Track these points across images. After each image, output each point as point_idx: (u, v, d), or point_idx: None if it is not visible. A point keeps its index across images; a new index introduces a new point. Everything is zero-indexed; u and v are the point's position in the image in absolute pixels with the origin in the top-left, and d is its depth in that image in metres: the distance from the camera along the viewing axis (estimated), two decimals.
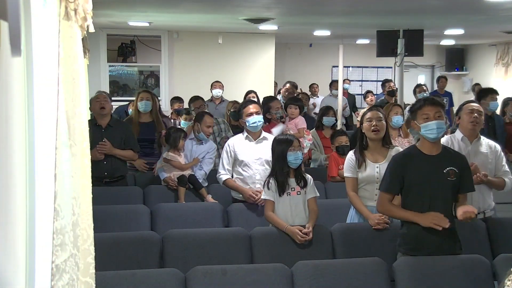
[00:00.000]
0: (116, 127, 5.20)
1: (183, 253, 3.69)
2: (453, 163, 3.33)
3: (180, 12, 7.36)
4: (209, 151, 5.44)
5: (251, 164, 4.61)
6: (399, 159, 3.46)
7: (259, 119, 4.67)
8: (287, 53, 13.18)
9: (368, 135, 4.04)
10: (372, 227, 3.88)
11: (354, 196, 4.02)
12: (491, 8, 6.14)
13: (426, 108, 3.35)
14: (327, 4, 6.23)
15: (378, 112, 4.10)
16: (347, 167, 4.10)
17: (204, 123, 5.39)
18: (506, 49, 12.04)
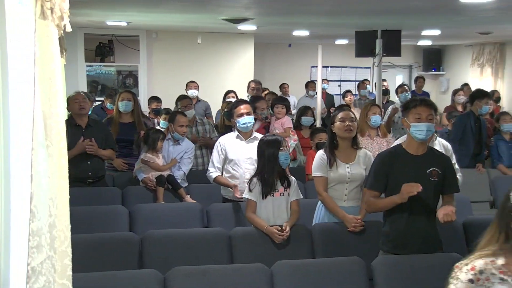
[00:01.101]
0: (95, 127, 5.17)
1: (163, 253, 3.67)
2: (437, 163, 3.37)
3: (159, 12, 7.32)
4: (187, 151, 5.42)
5: (241, 163, 4.61)
6: (384, 157, 3.48)
7: (250, 120, 4.68)
8: (266, 53, 13.20)
9: (340, 135, 4.02)
10: (348, 229, 3.89)
11: (328, 197, 4.00)
12: (467, 9, 6.22)
13: (420, 108, 3.37)
14: (306, 4, 6.24)
15: (350, 112, 4.12)
16: (317, 166, 4.05)
17: (177, 122, 5.38)
18: (481, 50, 12.22)
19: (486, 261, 1.91)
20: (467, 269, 1.91)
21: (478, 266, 1.90)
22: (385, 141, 5.54)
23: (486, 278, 1.88)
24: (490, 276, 1.88)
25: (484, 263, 1.90)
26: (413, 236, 3.35)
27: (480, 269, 1.89)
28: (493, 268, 1.90)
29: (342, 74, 13.90)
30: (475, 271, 1.89)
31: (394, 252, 3.39)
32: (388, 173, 3.38)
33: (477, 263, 1.91)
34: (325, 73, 13.06)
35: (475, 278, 1.89)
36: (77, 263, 1.80)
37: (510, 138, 6.35)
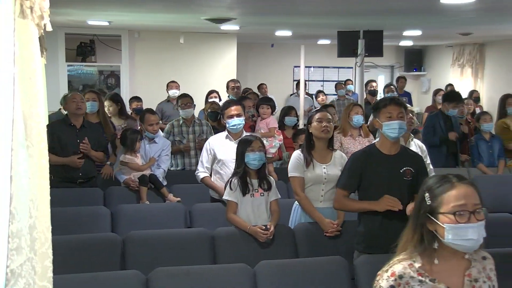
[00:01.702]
0: (89, 128, 5.16)
1: (145, 254, 3.65)
2: (410, 163, 3.38)
3: (141, 11, 7.28)
4: (164, 149, 5.43)
5: (230, 163, 4.60)
6: (358, 157, 3.48)
7: (240, 121, 4.69)
8: (249, 53, 13.20)
9: (317, 135, 4.02)
10: (324, 233, 3.89)
11: (305, 198, 3.98)
12: (447, 10, 6.28)
13: (391, 107, 3.39)
14: (288, 4, 6.26)
15: (327, 113, 4.13)
16: (294, 166, 4.02)
17: (147, 121, 5.38)
18: (461, 51, 12.35)
19: (404, 265, 1.93)
20: (387, 276, 1.93)
21: (397, 271, 1.92)
22: (367, 141, 5.57)
23: (406, 282, 1.90)
24: (409, 279, 1.90)
25: (403, 267, 1.92)
26: (387, 236, 3.34)
27: (400, 274, 1.91)
28: (411, 271, 1.92)
29: (325, 74, 13.96)
30: (395, 277, 1.91)
31: (369, 252, 3.39)
32: (362, 172, 3.39)
33: (396, 268, 1.93)
34: (308, 73, 13.10)
35: (395, 284, 1.90)
36: (58, 265, 1.79)
37: (490, 137, 6.44)
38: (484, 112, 6.84)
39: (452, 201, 1.88)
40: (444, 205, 1.89)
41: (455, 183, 1.90)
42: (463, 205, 1.87)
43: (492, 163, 6.34)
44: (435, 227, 1.91)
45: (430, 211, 1.92)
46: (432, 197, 1.92)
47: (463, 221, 1.85)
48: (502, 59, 11.35)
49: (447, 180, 1.93)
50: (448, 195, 1.89)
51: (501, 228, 4.23)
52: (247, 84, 11.41)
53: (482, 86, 11.80)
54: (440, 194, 1.91)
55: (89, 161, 5.12)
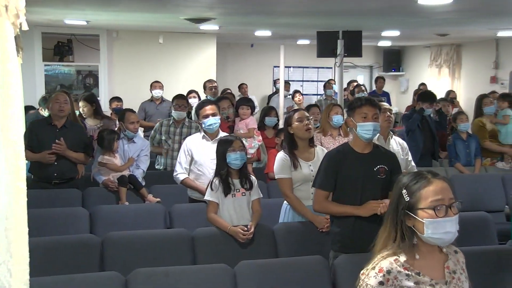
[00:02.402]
0: (71, 129, 5.09)
1: (124, 255, 3.62)
2: (384, 161, 3.40)
3: (119, 10, 7.22)
4: (143, 149, 5.40)
5: (207, 164, 4.59)
6: (333, 156, 3.48)
7: (215, 120, 4.67)
8: (229, 53, 13.19)
9: (300, 135, 4.03)
10: (319, 229, 3.89)
11: (295, 199, 3.98)
12: (424, 11, 6.35)
13: (366, 107, 3.40)
14: (268, 4, 6.26)
15: (305, 112, 4.15)
16: (281, 168, 4.02)
17: (127, 120, 5.34)
18: (439, 51, 12.51)
19: (390, 260, 1.96)
20: (375, 273, 1.95)
21: (385, 267, 1.95)
22: (347, 140, 5.60)
23: (394, 277, 1.93)
24: (397, 274, 1.94)
25: (389, 263, 1.95)
26: (361, 235, 3.37)
27: (387, 269, 1.94)
28: (397, 266, 1.95)
29: (304, 74, 14.01)
30: (383, 273, 1.94)
31: (344, 251, 3.39)
32: (338, 171, 3.39)
33: (383, 264, 1.96)
34: (288, 73, 13.14)
35: (384, 280, 1.93)
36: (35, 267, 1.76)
37: (467, 137, 6.52)
38: (461, 112, 6.92)
39: (430, 196, 1.93)
40: (423, 200, 1.93)
41: (431, 179, 1.96)
42: (441, 199, 1.92)
43: (469, 162, 6.43)
44: (414, 222, 1.96)
45: (408, 207, 1.96)
46: (410, 193, 1.96)
47: (441, 215, 1.91)
48: (478, 60, 11.52)
49: (422, 176, 1.98)
50: (426, 190, 1.94)
51: (477, 226, 4.30)
52: (226, 84, 11.40)
53: (459, 86, 11.97)
54: (418, 190, 1.95)
55: (66, 162, 5.02)
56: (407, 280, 1.94)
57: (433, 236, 1.92)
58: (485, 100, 6.90)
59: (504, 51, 10.80)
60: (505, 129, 6.82)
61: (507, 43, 10.62)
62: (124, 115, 5.42)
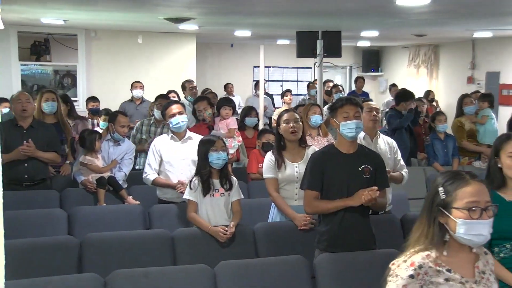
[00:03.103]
0: (38, 129, 5.00)
1: (103, 257, 3.59)
2: (368, 161, 3.43)
3: (98, 10, 7.15)
4: (128, 152, 5.34)
5: (177, 164, 4.57)
6: (318, 157, 3.51)
7: (183, 119, 4.64)
8: (208, 53, 13.16)
9: (286, 136, 4.09)
10: (298, 227, 3.91)
11: (278, 197, 4.05)
12: (402, 12, 6.41)
13: (347, 107, 3.43)
14: (247, 4, 6.26)
15: (295, 113, 4.17)
16: (267, 168, 4.11)
17: (118, 123, 5.29)
18: (417, 52, 12.65)
19: (423, 255, 1.98)
20: (406, 266, 1.97)
21: (417, 261, 1.97)
22: (326, 140, 5.62)
23: (425, 272, 1.96)
24: (428, 269, 1.96)
25: (421, 258, 1.97)
26: (348, 234, 3.40)
27: (419, 264, 1.96)
28: (429, 261, 1.97)
29: (284, 74, 14.04)
30: (414, 267, 1.96)
31: (330, 250, 3.42)
32: (323, 172, 3.42)
33: (416, 259, 1.98)
34: (268, 73, 13.16)
35: (415, 273, 1.95)
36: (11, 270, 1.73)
37: (445, 137, 6.59)
38: (439, 113, 6.99)
39: (467, 197, 1.95)
40: (458, 200, 1.96)
41: (469, 180, 1.98)
42: (476, 201, 1.95)
43: (447, 162, 6.50)
44: (447, 220, 1.99)
45: (443, 205, 1.99)
46: (446, 191, 1.99)
47: (476, 217, 1.94)
48: (455, 60, 11.66)
49: (461, 176, 2.01)
50: (463, 191, 1.97)
51: None
52: (206, 84, 11.38)
53: (437, 86, 12.11)
54: (455, 189, 1.98)
55: (37, 163, 4.92)
56: (438, 276, 1.96)
57: (465, 237, 1.96)
58: (465, 100, 6.98)
59: (480, 52, 10.96)
60: (483, 129, 6.92)
61: (483, 44, 10.77)
62: (115, 117, 5.34)
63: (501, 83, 10.32)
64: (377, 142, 4.41)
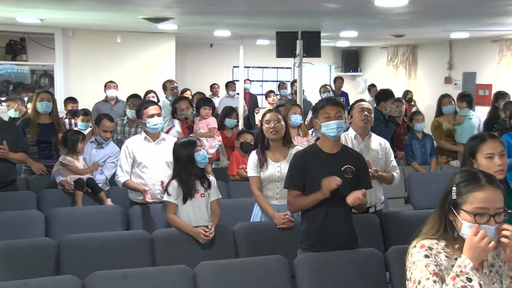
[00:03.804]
0: (5, 129, 4.93)
1: (81, 258, 3.55)
2: (351, 161, 3.45)
3: (75, 9, 7.07)
4: (111, 155, 5.28)
5: (151, 165, 4.53)
6: (300, 156, 3.53)
7: (160, 121, 4.63)
8: (188, 53, 13.12)
9: (267, 136, 4.12)
10: (277, 226, 3.93)
11: (260, 196, 4.08)
12: (381, 12, 6.46)
13: (328, 107, 3.46)
14: (227, 4, 6.25)
15: (277, 114, 4.18)
16: (250, 167, 4.14)
17: (101, 126, 5.23)
18: (395, 52, 12.77)
19: (431, 241, 2.04)
20: (418, 250, 2.03)
21: (426, 244, 2.03)
22: (306, 140, 5.65)
23: (436, 253, 2.01)
24: (437, 253, 2.01)
25: (430, 243, 2.04)
26: (330, 233, 3.42)
27: (429, 246, 2.02)
28: (438, 247, 2.03)
29: (264, 74, 14.06)
30: (425, 247, 2.02)
31: (312, 250, 3.44)
32: (305, 171, 3.44)
33: (424, 242, 2.04)
34: (247, 73, 13.15)
35: (428, 253, 2.00)
36: None
37: (422, 136, 6.66)
38: (417, 112, 7.06)
39: (476, 203, 1.96)
40: (468, 203, 1.98)
41: (484, 185, 1.98)
42: (485, 208, 1.95)
43: (425, 161, 6.57)
44: (455, 218, 2.02)
45: (453, 204, 2.01)
46: (459, 192, 2.01)
47: (482, 222, 1.95)
48: (433, 60, 11.80)
49: (477, 179, 2.00)
50: (474, 195, 1.98)
51: None
52: (186, 85, 11.33)
53: (415, 86, 12.23)
54: (467, 192, 1.99)
55: (7, 164, 4.85)
56: (446, 260, 2.00)
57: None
58: (444, 100, 7.06)
59: (457, 52, 11.10)
60: (461, 129, 7.01)
61: (460, 45, 10.91)
62: (100, 120, 5.28)
63: (478, 83, 10.47)
64: (369, 142, 4.40)
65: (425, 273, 1.96)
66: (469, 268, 1.90)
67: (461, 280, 1.89)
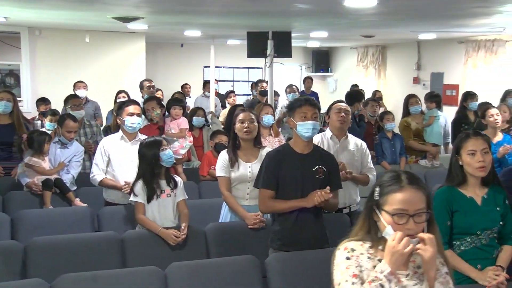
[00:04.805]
0: None
1: (50, 261, 3.49)
2: (322, 162, 3.47)
3: (42, 7, 6.93)
4: (76, 154, 5.22)
5: (125, 165, 4.48)
6: (273, 156, 3.53)
7: (139, 121, 4.60)
8: (159, 53, 13.03)
9: (240, 136, 4.10)
10: (249, 226, 3.93)
11: (229, 196, 4.06)
12: (351, 13, 6.51)
13: (305, 107, 3.47)
14: (197, 4, 6.22)
15: (251, 114, 4.17)
16: (220, 167, 4.11)
17: (65, 127, 5.16)
18: (365, 52, 12.91)
19: (356, 243, 2.07)
20: (341, 251, 2.06)
21: (349, 246, 2.06)
22: (277, 140, 5.66)
23: (357, 255, 2.03)
24: (360, 255, 2.03)
25: (354, 244, 2.06)
26: (301, 233, 3.44)
27: (352, 247, 2.05)
28: (362, 248, 2.05)
29: (235, 74, 14.04)
30: (348, 250, 2.04)
31: (283, 250, 3.45)
32: (277, 171, 3.44)
33: (348, 244, 2.07)
34: (218, 73, 13.12)
35: (349, 255, 2.03)
36: None
37: (392, 136, 6.74)
38: (387, 112, 7.14)
39: (395, 204, 1.97)
40: (388, 204, 1.99)
41: (404, 186, 1.98)
42: (404, 209, 1.96)
43: (395, 160, 6.64)
44: (378, 219, 2.03)
45: (376, 205, 2.03)
46: (381, 193, 2.02)
47: (402, 222, 1.95)
48: (402, 61, 11.96)
49: (398, 180, 2.01)
50: (393, 197, 1.98)
51: None
52: (157, 85, 11.18)
53: (385, 86, 12.38)
54: (387, 193, 2.00)
55: None
56: (367, 262, 2.01)
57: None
58: (411, 100, 7.15)
59: (425, 53, 11.28)
60: (430, 129, 7.11)
61: (427, 46, 11.09)
62: (63, 121, 5.19)
63: (445, 83, 10.65)
64: (345, 143, 4.41)
65: (345, 275, 1.98)
66: (384, 275, 1.92)
67: (375, 285, 1.91)
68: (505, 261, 3.01)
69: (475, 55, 9.68)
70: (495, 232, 3.02)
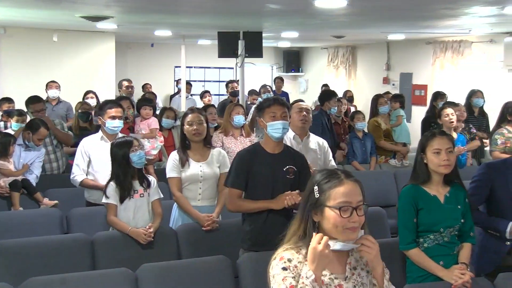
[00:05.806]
0: None
1: (17, 265, 3.42)
2: (293, 162, 3.48)
3: (7, 5, 6.79)
4: (39, 156, 5.20)
5: (105, 165, 4.41)
6: (244, 155, 3.52)
7: (120, 124, 4.57)
8: (128, 52, 12.91)
9: (189, 138, 4.05)
10: (203, 228, 3.90)
11: (181, 197, 4.00)
12: (321, 13, 6.56)
13: (275, 107, 3.47)
14: (167, 3, 6.18)
15: (200, 115, 4.10)
16: (170, 167, 4.03)
17: (38, 134, 5.07)
18: (336, 53, 13.02)
19: (292, 252, 2.03)
20: (277, 262, 2.01)
21: (285, 255, 2.02)
22: (249, 140, 5.66)
23: (295, 265, 2.00)
24: (297, 263, 2.00)
25: (290, 253, 2.02)
26: (272, 233, 3.40)
27: (288, 258, 2.01)
28: (298, 257, 2.01)
29: (206, 75, 14.00)
30: (284, 260, 2.00)
31: (254, 250, 3.44)
32: (248, 171, 3.44)
33: (283, 254, 2.03)
34: (189, 73, 13.07)
35: (286, 266, 1.99)
36: None
37: (363, 135, 6.80)
38: (358, 111, 7.20)
39: (339, 197, 1.98)
40: (332, 199, 1.99)
41: (344, 180, 2.01)
42: (348, 201, 1.97)
43: (365, 160, 6.70)
44: (320, 218, 2.02)
45: (317, 203, 2.01)
46: (321, 190, 2.01)
47: (346, 216, 1.96)
48: (372, 61, 12.11)
49: (336, 176, 2.02)
50: (336, 191, 1.99)
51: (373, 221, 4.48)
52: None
53: (355, 86, 12.51)
54: (329, 189, 2.00)
55: None
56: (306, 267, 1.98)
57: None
58: (380, 100, 7.23)
59: (394, 53, 11.44)
60: (399, 129, 7.20)
61: (396, 46, 11.24)
62: (37, 128, 5.08)
63: (414, 83, 10.81)
64: (308, 142, 4.44)
65: (282, 287, 1.96)
66: (309, 281, 1.92)
67: None
68: (467, 258, 3.10)
69: (443, 55, 9.86)
70: (456, 229, 3.10)
